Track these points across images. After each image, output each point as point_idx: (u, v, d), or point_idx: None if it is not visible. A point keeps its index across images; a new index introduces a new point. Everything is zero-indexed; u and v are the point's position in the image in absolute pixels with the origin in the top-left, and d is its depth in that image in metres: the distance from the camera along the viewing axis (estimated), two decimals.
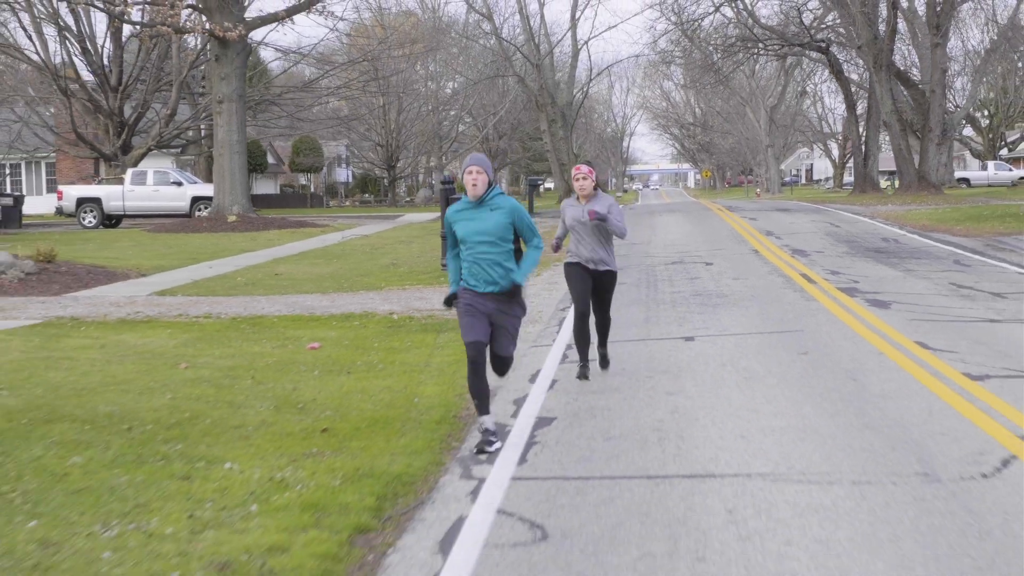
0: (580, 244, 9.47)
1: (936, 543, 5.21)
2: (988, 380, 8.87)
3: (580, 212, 9.40)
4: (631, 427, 7.78)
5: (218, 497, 6.26)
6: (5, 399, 8.88)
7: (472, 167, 7.41)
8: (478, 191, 7.37)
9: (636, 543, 5.36)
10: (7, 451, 7.20)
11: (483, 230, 7.35)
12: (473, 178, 7.38)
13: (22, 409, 8.49)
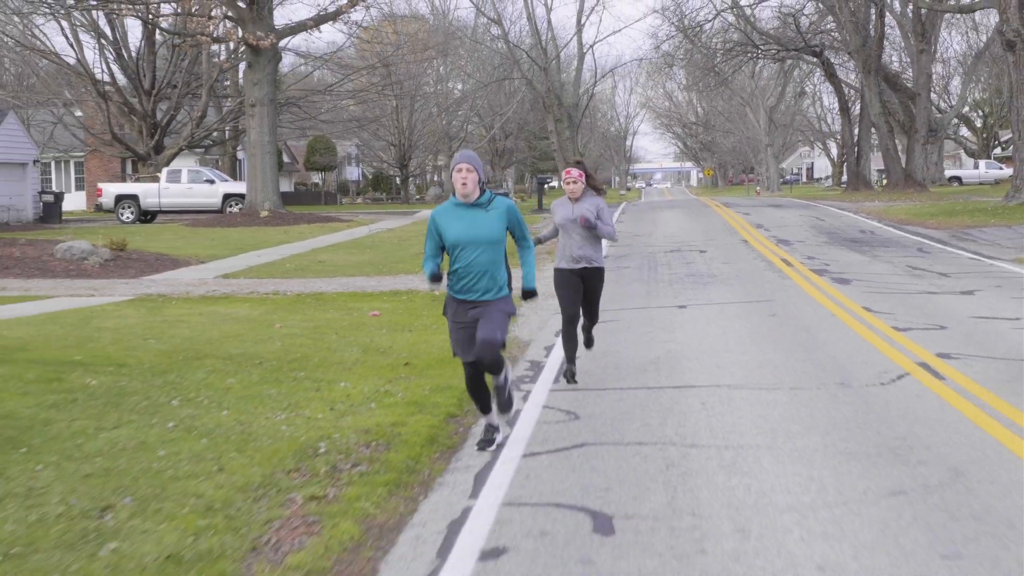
0: (569, 241, 9.63)
1: (838, 417, 7.86)
2: (910, 331, 11.52)
3: (570, 212, 9.59)
4: (635, 362, 10.44)
5: (345, 400, 8.91)
6: (156, 345, 11.55)
7: (462, 164, 6.96)
8: (468, 190, 6.93)
9: (639, 420, 8.02)
10: (180, 375, 9.85)
11: (480, 235, 6.96)
12: (463, 177, 6.93)
13: (172, 351, 11.16)
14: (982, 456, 6.73)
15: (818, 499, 5.97)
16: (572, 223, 9.53)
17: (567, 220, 9.56)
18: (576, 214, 9.49)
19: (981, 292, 14.92)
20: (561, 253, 9.69)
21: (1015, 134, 31.26)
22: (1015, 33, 29.44)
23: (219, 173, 45.58)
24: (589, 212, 9.44)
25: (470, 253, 6.98)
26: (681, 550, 5.23)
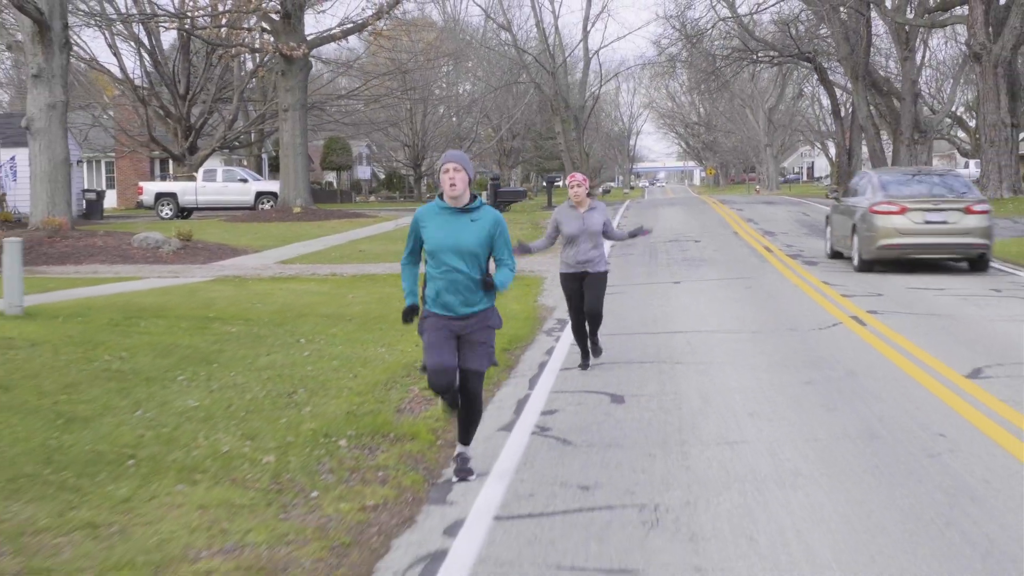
0: (575, 250, 10.04)
1: (782, 348, 11.04)
2: (854, 297, 14.72)
3: (581, 223, 9.98)
4: (638, 319, 13.63)
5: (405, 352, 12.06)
6: (263, 308, 14.75)
7: (449, 164, 6.45)
8: (457, 191, 6.40)
9: (640, 350, 11.21)
10: (293, 326, 13.03)
11: (461, 245, 6.42)
12: (451, 177, 6.41)
13: (279, 311, 14.36)
14: (870, 364, 9.93)
15: (757, 386, 9.16)
16: (583, 233, 9.96)
17: (579, 231, 9.96)
18: (587, 226, 9.97)
19: (922, 272, 18.09)
20: (565, 259, 10.19)
21: (983, 138, 34.44)
22: (981, 46, 32.60)
23: (251, 172, 48.80)
24: (598, 224, 10.01)
25: (448, 262, 6.43)
26: (666, 408, 8.44)
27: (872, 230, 18.40)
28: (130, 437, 7.45)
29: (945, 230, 18.21)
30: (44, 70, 25.85)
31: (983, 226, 18.36)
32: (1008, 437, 7.21)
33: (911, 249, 18.38)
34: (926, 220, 18.27)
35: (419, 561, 5.34)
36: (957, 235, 18.22)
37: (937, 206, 18.44)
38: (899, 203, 18.45)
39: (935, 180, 20.19)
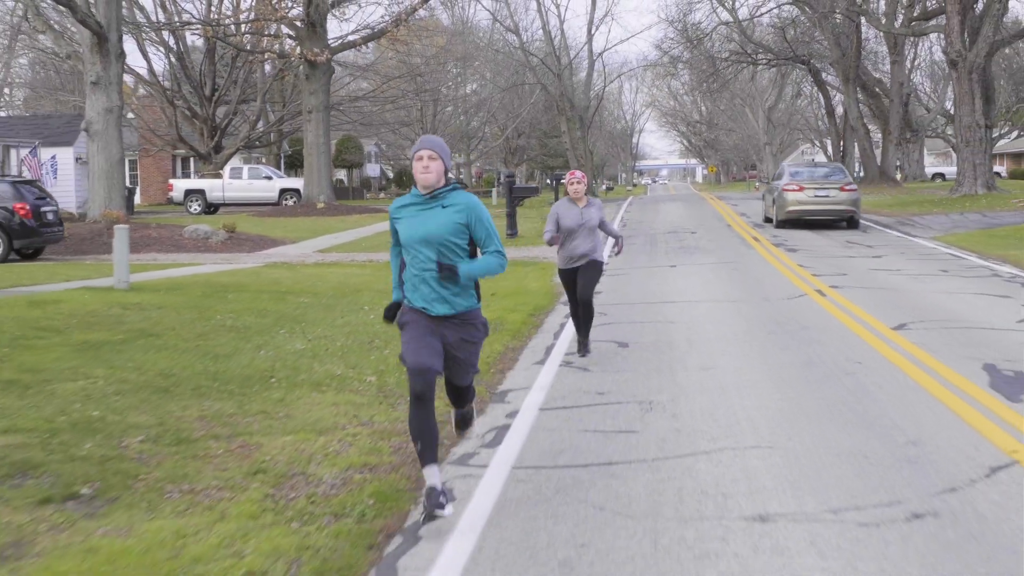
0: (572, 243, 10.55)
1: (756, 312, 13.72)
2: (822, 276, 17.39)
3: (579, 217, 10.46)
4: (638, 294, 16.30)
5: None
6: (323, 285, 17.43)
7: (423, 151, 5.96)
8: (430, 179, 5.93)
9: (640, 315, 13.89)
10: (354, 298, 15.71)
11: (429, 233, 5.94)
12: (424, 164, 5.94)
13: (337, 288, 17.04)
14: (821, 322, 12.62)
15: (731, 336, 11.85)
16: (582, 228, 10.48)
17: (578, 225, 10.44)
18: (586, 220, 10.48)
19: (887, 256, 20.80)
20: (562, 254, 10.69)
21: (958, 139, 37.07)
22: (957, 54, 35.23)
23: (275, 170, 51.49)
24: (596, 218, 10.57)
25: (421, 254, 5.95)
26: (660, 350, 11.13)
27: (783, 202, 28.79)
28: (264, 366, 10.15)
29: (827, 201, 28.32)
30: (102, 78, 28.55)
31: (852, 199, 28.40)
32: (905, 362, 9.90)
33: (806, 214, 28.38)
34: (815, 195, 28.40)
35: (492, 430, 8.03)
36: (834, 204, 28.29)
37: (823, 186, 28.56)
38: (799, 184, 28.73)
39: (824, 170, 30.49)
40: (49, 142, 47.30)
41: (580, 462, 7.00)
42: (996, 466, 6.53)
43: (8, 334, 10.94)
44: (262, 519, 5.91)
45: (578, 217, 10.46)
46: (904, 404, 8.28)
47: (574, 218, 10.44)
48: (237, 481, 6.65)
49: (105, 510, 6.11)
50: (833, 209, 28.22)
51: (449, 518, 5.87)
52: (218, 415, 8.29)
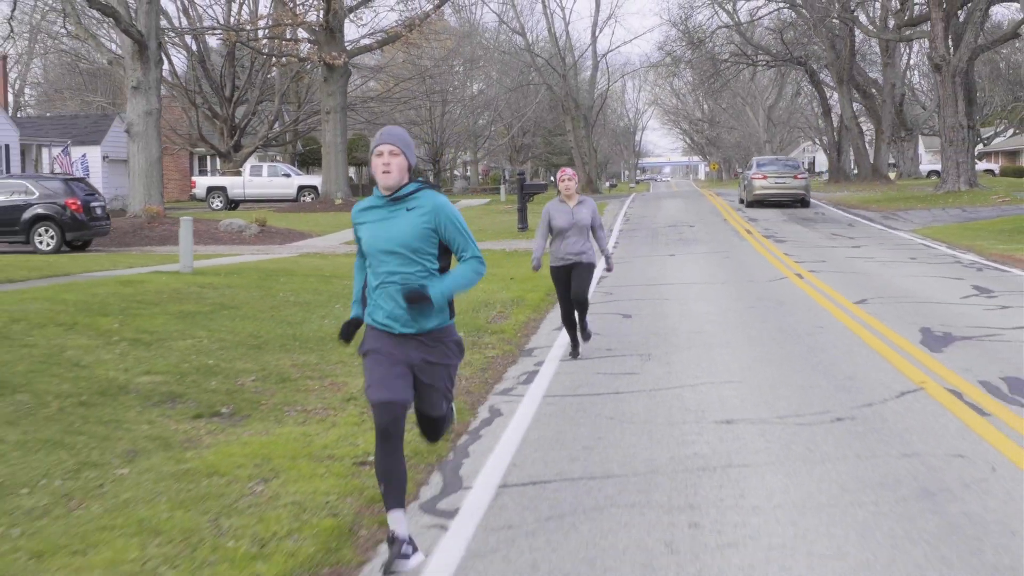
0: (564, 243, 10.50)
1: (742, 292, 15.92)
2: (803, 262, 19.58)
3: (570, 216, 10.40)
4: (639, 277, 18.49)
5: (493, 290, 16.94)
6: None
7: (384, 145, 5.18)
8: (390, 179, 5.16)
9: (640, 294, 16.10)
10: None
11: (392, 239, 5.19)
12: (384, 162, 5.16)
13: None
14: (796, 299, 14.81)
15: (717, 310, 14.04)
16: (572, 227, 10.39)
17: (569, 224, 10.38)
18: (577, 219, 10.43)
19: (867, 247, 22.99)
20: (555, 252, 10.65)
21: (943, 139, 39.23)
22: (941, 58, 37.39)
23: (293, 168, 53.71)
24: (587, 217, 10.50)
25: (384, 263, 5.25)
26: (657, 320, 13.32)
27: (751, 187, 38.48)
28: (331, 330, 12.35)
29: (784, 187, 38.02)
30: (142, 82, 30.76)
31: (803, 185, 38.24)
32: (858, 327, 12.09)
33: (768, 196, 37.98)
34: (775, 182, 37.99)
35: (524, 374, 10.23)
36: (790, 189, 38.06)
37: (781, 175, 38.18)
38: (764, 174, 38.30)
39: (783, 162, 40.42)
40: (78, 141, 49.55)
41: (594, 392, 9.21)
42: (905, 391, 8.72)
43: (116, 306, 13.14)
44: (363, 426, 8.10)
45: (569, 216, 10.34)
46: (849, 355, 10.47)
47: (565, 217, 10.34)
48: (336, 405, 8.86)
49: (244, 423, 8.32)
50: (788, 192, 38.04)
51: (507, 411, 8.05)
52: (306, 364, 10.50)
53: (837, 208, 37.77)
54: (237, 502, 6.23)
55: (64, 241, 26.61)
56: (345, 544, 5.59)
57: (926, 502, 5.89)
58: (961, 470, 6.48)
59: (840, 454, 6.94)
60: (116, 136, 52.17)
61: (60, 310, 12.51)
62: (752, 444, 7.28)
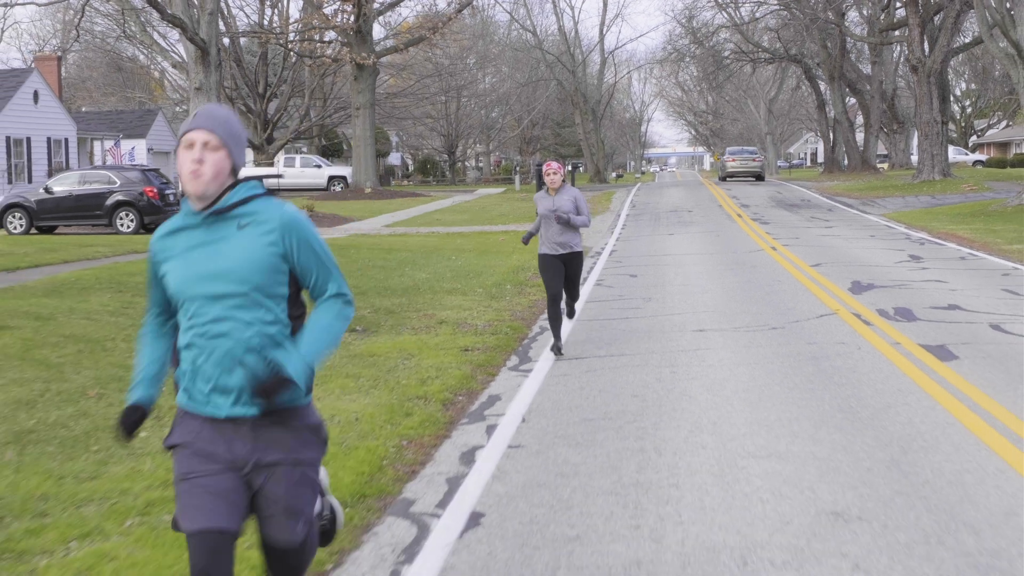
0: (550, 231, 10.69)
1: (726, 260, 19.95)
2: (779, 239, 23.59)
3: (551, 204, 10.61)
4: (643, 251, 22.52)
5: (517, 260, 20.95)
6: (412, 245, 23.63)
7: (195, 133, 3.49)
8: (201, 184, 3.46)
9: (644, 262, 20.14)
10: (439, 254, 21.90)
11: (220, 272, 3.50)
12: (195, 158, 3.46)
13: (422, 248, 23.24)
14: (768, 264, 18.84)
15: (704, 271, 18.07)
16: (552, 213, 10.56)
17: (548, 211, 10.60)
18: (556, 207, 10.59)
19: (837, 227, 26.99)
20: (543, 240, 10.85)
21: (919, 133, 43.16)
22: (917, 60, 41.32)
23: (323, 159, 57.76)
24: (567, 205, 10.57)
25: (207, 309, 3.51)
26: (658, 278, 17.37)
27: (724, 166, 60.16)
28: (410, 284, 16.39)
29: (746, 166, 58.82)
30: (204, 84, 34.74)
31: (759, 165, 59.23)
32: (808, 280, 16.11)
33: (735, 172, 58.82)
34: (740, 163, 58.91)
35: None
36: (749, 168, 58.70)
37: (744, 159, 59.36)
38: (733, 158, 60.46)
39: (746, 151, 62.35)
40: (125, 134, 53.66)
41: (611, 318, 13.25)
42: (823, 314, 12.76)
43: None
44: (456, 336, 12.14)
45: (550, 203, 10.62)
46: (794, 296, 14.50)
47: (546, 204, 10.65)
48: (433, 325, 12.90)
49: (374, 336, 12.36)
50: (749, 170, 58.73)
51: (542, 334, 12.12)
52: (400, 304, 14.56)
53: (822, 195, 41.76)
54: (396, 367, 10.29)
55: (142, 224, 30.63)
56: (472, 382, 9.65)
57: (811, 362, 9.94)
58: (839, 350, 10.53)
59: (768, 343, 10.99)
60: (159, 129, 56.24)
61: None
62: (714, 341, 11.32)
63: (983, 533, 5.39)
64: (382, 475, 6.73)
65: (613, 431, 7.68)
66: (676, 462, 6.83)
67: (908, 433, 7.34)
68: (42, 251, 20.17)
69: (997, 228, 24.78)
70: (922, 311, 12.83)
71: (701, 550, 5.28)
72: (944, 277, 16.29)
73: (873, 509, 5.80)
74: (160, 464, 6.76)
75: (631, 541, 5.44)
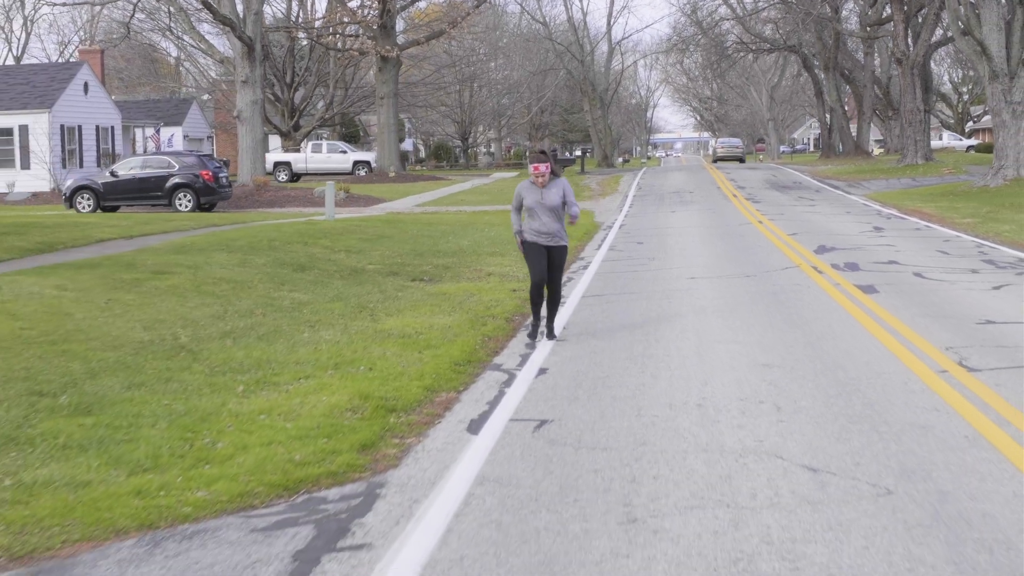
0: (536, 222, 10.84)
1: (718, 231, 23.52)
2: (767, 214, 27.13)
3: (539, 196, 10.76)
4: (648, 225, 26.08)
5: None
6: (446, 221, 27.21)
7: None
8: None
9: (649, 233, 23.71)
10: (471, 228, 25.46)
11: None
12: None
13: (455, 223, 26.81)
14: (752, 234, 22.41)
15: (699, 238, 21.64)
16: (539, 206, 10.73)
17: (536, 204, 10.74)
18: (545, 200, 10.74)
19: (820, 205, 30.54)
20: (529, 229, 10.93)
21: (903, 120, 46.60)
22: (902, 53, 44.77)
23: (348, 145, 61.30)
24: (555, 198, 10.73)
25: None
26: (660, 245, 20.95)
27: (715, 152, 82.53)
28: (456, 248, 19.97)
29: (731, 152, 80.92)
30: (249, 77, 38.32)
31: (741, 151, 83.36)
32: (783, 244, 19.67)
33: (723, 157, 78.67)
34: (727, 149, 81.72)
35: (582, 259, 17.88)
36: (733, 152, 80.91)
37: (731, 146, 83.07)
38: (721, 145, 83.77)
39: (731, 141, 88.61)
40: (164, 122, 57.22)
41: (622, 272, 16.84)
42: (787, 267, 16.33)
43: (314, 235, 20.79)
44: (503, 282, 15.71)
45: (538, 196, 10.79)
46: (768, 255, 18.07)
47: (533, 197, 10.81)
48: (483, 276, 16.50)
49: (438, 284, 15.95)
50: (733, 154, 79.16)
51: (574, 277, 15.70)
52: (452, 262, 18.15)
53: (813, 178, 45.28)
54: (464, 300, 13.88)
55: (198, 204, 34.21)
56: (523, 307, 13.22)
57: (771, 295, 13.52)
58: (794, 288, 14.10)
59: (741, 285, 14.59)
60: (194, 117, 59.81)
61: (285, 237, 20.17)
62: (702, 284, 14.91)
63: (850, 371, 8.99)
64: (478, 352, 10.34)
65: (626, 331, 11.28)
66: (669, 346, 10.43)
67: (824, 330, 10.94)
68: (137, 224, 23.78)
69: (959, 206, 28.31)
70: (866, 264, 16.42)
71: (680, 380, 8.89)
72: (895, 243, 19.87)
73: (788, 362, 9.40)
74: (328, 350, 10.36)
75: (638, 377, 9.04)
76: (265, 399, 8.38)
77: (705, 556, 5.06)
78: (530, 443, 7.10)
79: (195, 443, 7.13)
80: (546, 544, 5.26)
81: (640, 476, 6.31)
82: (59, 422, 7.54)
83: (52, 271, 14.06)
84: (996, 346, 9.89)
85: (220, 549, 5.39)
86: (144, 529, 5.68)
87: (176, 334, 10.85)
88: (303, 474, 6.47)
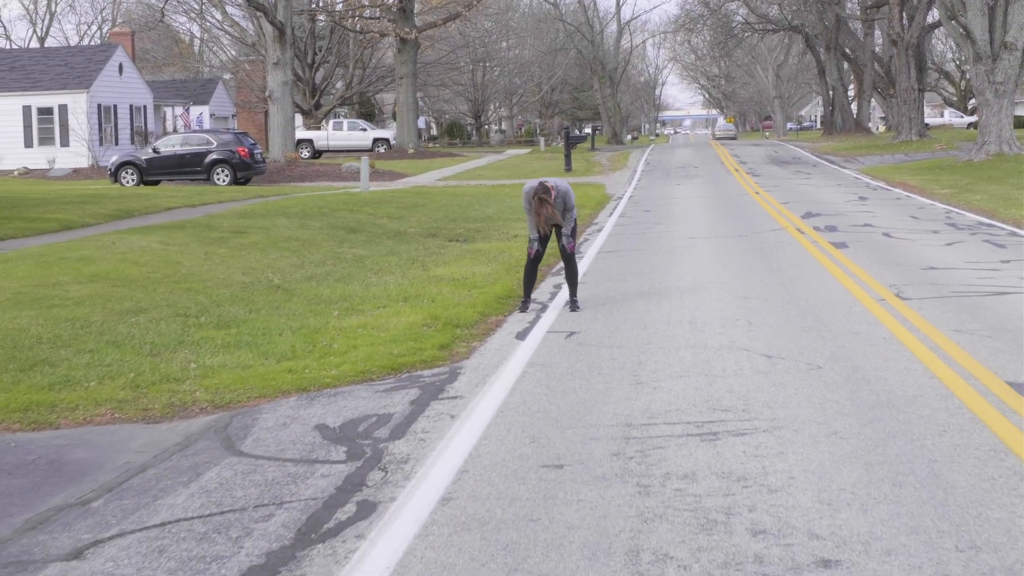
0: None
1: (719, 200, 25.96)
2: (763, 186, 29.53)
3: None
4: (656, 195, 28.51)
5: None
6: (469, 192, 29.67)
7: None
8: None
9: (655, 203, 26.16)
10: (493, 199, 27.91)
11: None
12: None
13: (477, 195, 29.27)
14: (749, 203, 24.84)
15: (701, 208, 24.09)
16: None
17: None
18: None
19: (814, 179, 32.92)
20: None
21: (899, 99, 48.87)
22: (897, 35, 47.00)
23: (368, 123, 63.72)
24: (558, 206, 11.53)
25: None
26: (666, 212, 23.41)
27: (715, 132, 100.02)
28: (483, 215, 22.45)
29: (726, 132, 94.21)
30: (280, 59, 40.72)
31: (734, 132, 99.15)
32: (774, 211, 22.11)
33: (721, 136, 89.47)
34: (723, 131, 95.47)
35: (595, 224, 20.36)
36: (728, 134, 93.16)
37: (727, 129, 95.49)
38: (720, 129, 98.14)
39: (728, 125, 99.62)
40: (192, 101, 59.65)
41: (631, 234, 19.31)
42: (775, 229, 18.79)
43: (355, 204, 23.26)
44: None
45: None
46: (760, 220, 20.52)
47: None
48: (511, 238, 18.98)
49: (472, 244, 18.43)
50: (727, 135, 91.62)
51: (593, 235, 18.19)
52: (481, 227, 20.63)
53: (813, 154, 47.62)
54: (497, 255, 16.36)
55: (235, 178, 36.70)
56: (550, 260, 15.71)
57: (757, 250, 15.99)
58: (777, 245, 16.55)
59: (734, 243, 17.06)
60: (220, 96, 62.22)
61: (331, 205, 22.66)
62: (700, 243, 17.37)
63: (810, 300, 11.48)
64: (516, 290, 12.84)
65: (635, 277, 13.77)
66: (669, 286, 12.92)
67: (797, 275, 13.42)
68: (193, 194, 26.29)
69: (942, 179, 30.68)
70: (844, 227, 18.88)
71: (677, 307, 11.38)
72: (874, 210, 22.31)
73: (764, 295, 11.89)
74: (395, 288, 12.87)
75: (644, 305, 11.54)
76: (358, 320, 10.91)
77: (688, 399, 7.57)
78: (564, 344, 9.62)
79: (316, 344, 9.67)
80: (581, 395, 7.78)
81: (645, 360, 8.83)
82: (209, 332, 10.08)
83: (149, 231, 16.58)
84: (930, 284, 12.36)
85: (358, 401, 7.92)
86: (300, 392, 8.21)
87: (269, 278, 13.37)
88: (403, 361, 8.99)
